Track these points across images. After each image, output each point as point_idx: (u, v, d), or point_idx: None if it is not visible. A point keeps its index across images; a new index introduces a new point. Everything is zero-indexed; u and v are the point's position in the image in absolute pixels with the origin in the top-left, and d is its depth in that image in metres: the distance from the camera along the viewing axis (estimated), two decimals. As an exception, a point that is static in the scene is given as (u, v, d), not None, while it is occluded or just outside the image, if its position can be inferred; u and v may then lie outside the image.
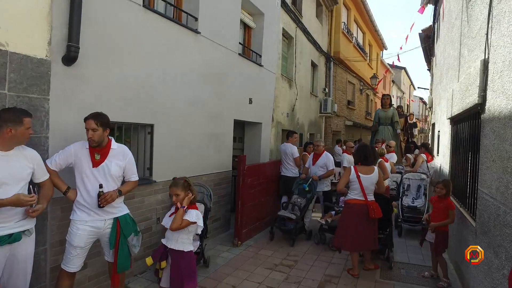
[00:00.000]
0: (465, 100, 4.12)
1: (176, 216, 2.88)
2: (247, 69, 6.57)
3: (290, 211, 5.77)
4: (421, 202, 6.39)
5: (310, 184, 5.93)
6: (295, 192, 6.08)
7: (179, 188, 2.99)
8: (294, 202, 5.88)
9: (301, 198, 5.94)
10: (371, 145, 4.70)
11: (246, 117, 6.65)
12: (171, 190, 3.01)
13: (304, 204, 5.82)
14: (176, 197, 2.97)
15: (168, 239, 3.01)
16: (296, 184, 6.18)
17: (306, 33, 10.57)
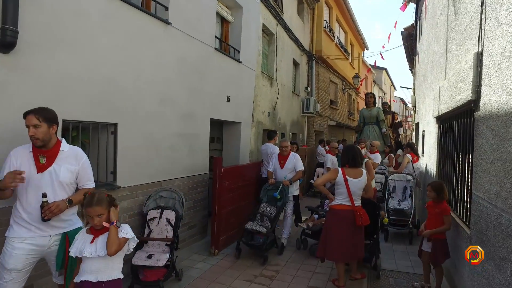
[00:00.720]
0: (455, 97, 3.85)
1: (111, 237, 2.23)
2: (224, 65, 6.18)
3: (259, 222, 5.09)
4: (408, 205, 6.15)
5: (281, 191, 5.27)
6: (263, 200, 5.39)
7: (103, 206, 2.28)
8: (263, 212, 5.21)
9: (270, 207, 5.28)
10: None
11: (224, 116, 6.25)
12: (89, 211, 2.24)
13: (274, 214, 5.16)
14: (99, 217, 2.26)
15: (96, 271, 2.27)
16: (264, 191, 5.48)
17: (287, 30, 10.26)
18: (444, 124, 4.98)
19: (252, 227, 4.88)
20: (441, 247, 3.80)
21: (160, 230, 3.88)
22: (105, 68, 3.66)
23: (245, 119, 7.09)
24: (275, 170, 5.65)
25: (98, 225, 2.26)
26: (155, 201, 4.18)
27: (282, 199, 5.26)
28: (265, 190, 5.50)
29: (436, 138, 5.47)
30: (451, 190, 4.62)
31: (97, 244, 2.26)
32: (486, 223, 2.78)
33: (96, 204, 2.24)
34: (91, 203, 2.23)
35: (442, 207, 3.81)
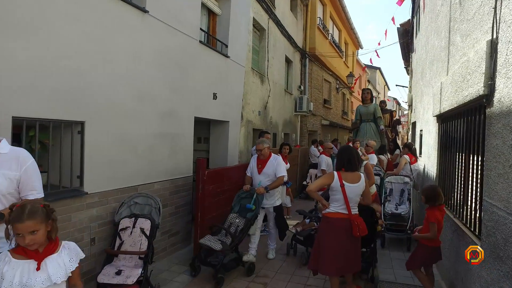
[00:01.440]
0: (461, 93, 3.48)
1: None
2: (210, 60, 5.76)
3: (221, 237, 4.30)
4: (405, 209, 5.78)
5: (255, 200, 4.49)
6: (234, 209, 4.61)
7: (37, 219, 1.72)
8: (230, 224, 4.45)
9: (240, 218, 4.46)
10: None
11: (210, 114, 5.83)
12: (19, 227, 1.69)
13: (242, 227, 4.36)
14: (33, 235, 1.70)
15: None
16: (237, 198, 4.69)
17: (279, 26, 9.86)
18: (446, 122, 4.61)
19: (206, 242, 4.05)
20: (420, 253, 3.65)
21: (133, 241, 3.44)
22: (71, 59, 3.22)
23: (233, 118, 6.67)
24: (252, 175, 4.93)
25: (31, 245, 1.72)
26: (129, 208, 3.74)
27: (255, 210, 4.47)
28: (239, 198, 4.70)
29: (437, 138, 5.11)
30: (454, 194, 4.25)
31: (49, 270, 1.76)
32: (504, 237, 2.40)
33: (28, 218, 1.69)
34: (20, 217, 1.68)
35: (429, 212, 3.56)
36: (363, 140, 10.42)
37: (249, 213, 4.46)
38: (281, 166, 4.79)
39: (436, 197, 3.56)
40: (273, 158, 4.82)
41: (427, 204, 3.62)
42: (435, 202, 3.53)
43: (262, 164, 4.80)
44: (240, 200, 4.67)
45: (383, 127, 10.62)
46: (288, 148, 6.91)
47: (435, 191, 3.61)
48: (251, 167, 4.92)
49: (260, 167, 4.79)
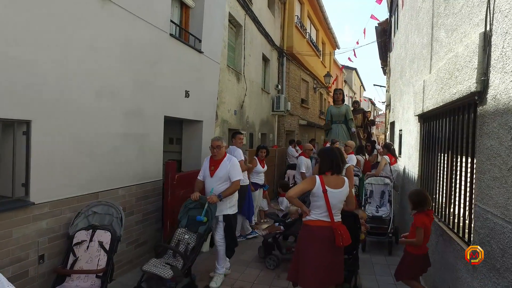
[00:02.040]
0: (448, 90, 3.28)
1: None
2: (182, 55, 5.36)
3: (169, 258, 3.60)
4: (386, 211, 5.60)
5: (206, 211, 3.79)
6: (181, 224, 3.85)
7: None
8: (178, 241, 3.72)
9: (189, 234, 3.73)
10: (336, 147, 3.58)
11: (182, 113, 5.43)
12: None
13: (194, 245, 3.66)
14: None
15: None
16: (184, 210, 3.94)
17: (256, 22, 9.56)
18: (430, 122, 4.44)
19: (151, 269, 3.27)
20: (407, 262, 3.43)
21: (89, 257, 3.02)
22: (13, 49, 2.77)
23: (207, 117, 6.30)
24: (204, 179, 4.20)
25: None
26: (86, 218, 3.31)
27: (208, 222, 3.77)
28: (186, 209, 3.94)
29: (418, 138, 4.94)
30: (438, 197, 4.07)
31: None
32: (501, 247, 2.17)
33: None
34: None
35: (416, 217, 3.35)
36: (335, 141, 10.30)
37: (201, 227, 3.73)
38: (236, 168, 4.07)
39: (423, 202, 3.35)
40: (227, 158, 4.13)
41: (414, 210, 3.39)
42: (423, 207, 3.31)
43: (215, 165, 4.08)
44: (187, 211, 3.92)
45: (354, 129, 10.52)
46: (265, 151, 6.61)
47: (421, 196, 3.40)
48: (204, 169, 4.21)
49: (213, 169, 4.06)
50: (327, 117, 11.13)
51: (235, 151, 5.59)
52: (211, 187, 4.02)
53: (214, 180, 4.04)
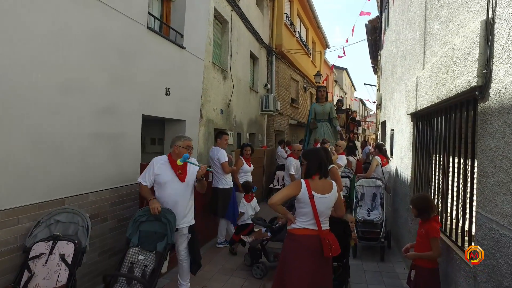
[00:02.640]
0: (444, 86, 3.03)
1: None
2: (162, 50, 5.04)
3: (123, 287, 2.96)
4: (378, 214, 5.35)
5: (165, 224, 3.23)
6: (132, 242, 3.20)
7: None
8: (131, 264, 3.08)
9: (145, 254, 3.11)
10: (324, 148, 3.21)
11: (162, 112, 5.11)
12: None
13: (153, 266, 3.07)
14: None
15: None
16: (133, 225, 3.27)
17: (244, 19, 9.26)
18: (423, 121, 4.20)
19: None
20: (426, 280, 2.93)
21: (48, 273, 2.69)
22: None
23: (191, 116, 5.98)
24: (165, 186, 3.46)
25: None
26: (47, 228, 2.97)
27: (166, 237, 3.19)
28: (136, 224, 3.27)
29: (411, 138, 4.71)
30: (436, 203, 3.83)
31: None
32: (510, 262, 1.91)
33: None
34: None
35: (427, 226, 2.95)
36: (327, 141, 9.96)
37: (160, 244, 3.16)
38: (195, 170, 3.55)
39: (430, 208, 3.00)
40: None
41: (420, 217, 3.08)
42: (430, 213, 2.98)
43: (182, 168, 3.48)
44: (138, 226, 3.27)
45: (339, 128, 10.22)
46: (250, 149, 6.32)
47: (428, 202, 3.02)
48: (160, 173, 3.45)
49: (181, 173, 3.44)
50: (310, 115, 10.70)
51: (218, 152, 5.30)
52: (179, 195, 3.49)
53: (184, 187, 3.52)
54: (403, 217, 5.10)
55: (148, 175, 3.49)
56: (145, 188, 3.49)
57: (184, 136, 3.72)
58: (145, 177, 3.49)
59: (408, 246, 3.29)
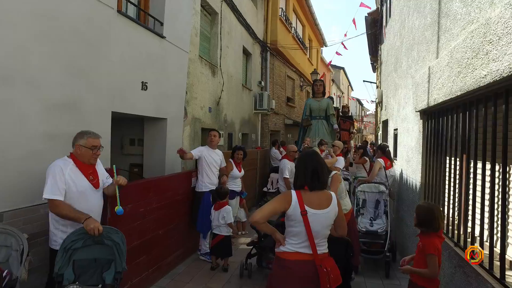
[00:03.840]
0: (471, 74, 2.44)
1: None
2: (137, 38, 4.43)
3: None
4: (382, 224, 4.75)
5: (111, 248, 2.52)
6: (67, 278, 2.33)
7: None
8: None
9: None
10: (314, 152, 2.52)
11: (138, 109, 4.50)
12: None
13: None
14: None
15: None
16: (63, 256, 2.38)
17: (235, 12, 8.66)
18: (437, 118, 3.61)
19: None
20: None
21: (-37, 315, 2.07)
22: None
23: (173, 114, 5.38)
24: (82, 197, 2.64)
25: None
26: (-28, 253, 2.35)
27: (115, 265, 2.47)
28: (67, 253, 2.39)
29: (421, 138, 4.12)
30: (447, 211, 3.25)
31: None
32: None
33: None
34: None
35: (426, 240, 2.49)
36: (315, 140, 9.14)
37: (107, 274, 2.42)
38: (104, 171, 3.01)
39: (434, 221, 2.50)
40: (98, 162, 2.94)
41: (420, 228, 2.56)
42: (431, 228, 2.47)
43: (93, 174, 2.79)
44: (71, 255, 2.41)
45: (337, 126, 9.04)
46: (243, 153, 5.73)
47: (432, 214, 2.52)
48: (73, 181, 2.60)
49: (93, 179, 2.73)
50: (305, 112, 9.78)
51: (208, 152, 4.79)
52: (98, 205, 2.83)
53: (99, 195, 2.85)
54: (411, 227, 4.51)
55: (60, 186, 2.52)
56: (64, 206, 2.50)
57: (88, 132, 2.81)
58: (57, 189, 2.50)
59: (407, 258, 2.79)
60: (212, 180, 4.89)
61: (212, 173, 4.90)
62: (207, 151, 4.90)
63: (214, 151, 5.00)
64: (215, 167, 4.95)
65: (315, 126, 9.29)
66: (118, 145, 5.87)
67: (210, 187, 4.84)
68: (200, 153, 4.83)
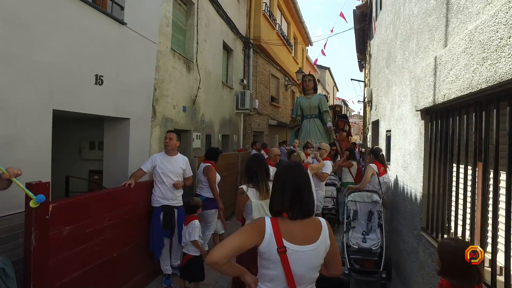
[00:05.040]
0: (506, 60, 1.85)
1: None
2: (87, 22, 3.70)
3: None
4: (376, 240, 4.17)
5: None
6: None
7: None
8: None
9: None
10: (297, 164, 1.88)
11: (91, 107, 3.78)
12: None
13: None
14: None
15: None
16: None
17: (214, 3, 7.99)
18: (446, 118, 3.03)
19: None
20: None
21: None
22: None
23: (137, 114, 4.67)
24: None
25: None
26: None
27: None
28: None
29: (422, 141, 3.55)
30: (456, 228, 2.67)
31: None
32: None
33: None
34: None
35: None
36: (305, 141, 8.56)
37: None
38: None
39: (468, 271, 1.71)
40: None
41: (444, 276, 1.85)
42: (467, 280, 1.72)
43: None
44: None
45: (330, 124, 8.38)
46: (211, 160, 5.02)
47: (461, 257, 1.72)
48: None
49: None
50: (295, 111, 9.13)
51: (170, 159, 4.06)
52: None
53: None
54: (408, 243, 3.94)
55: None
56: None
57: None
58: None
59: None
60: (164, 194, 4.00)
61: (166, 186, 3.98)
62: (161, 158, 4.05)
63: (172, 158, 4.09)
64: (170, 178, 4.00)
65: (306, 126, 8.60)
66: (76, 149, 5.13)
67: (161, 202, 4.00)
68: (152, 163, 4.00)
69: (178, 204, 4.14)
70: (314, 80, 9.01)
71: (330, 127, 8.49)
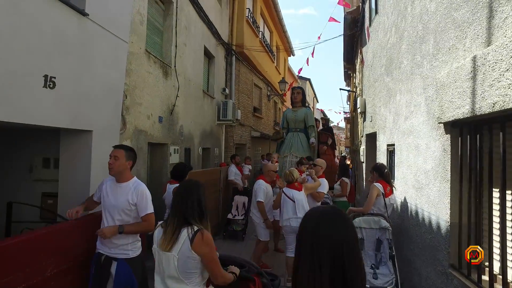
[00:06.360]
0: None
1: None
2: (36, 10, 2.93)
3: None
4: (389, 275, 3.51)
5: None
6: None
7: None
8: None
9: None
10: None
11: (37, 116, 2.97)
12: None
13: None
14: None
15: None
16: None
17: (195, 4, 7.32)
18: (488, 133, 2.43)
19: None
20: None
21: None
22: None
23: (103, 125, 3.88)
24: None
25: None
26: None
27: None
28: None
29: (448, 160, 2.95)
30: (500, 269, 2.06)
31: None
32: None
33: None
34: None
35: None
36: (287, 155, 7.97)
37: None
38: None
39: None
40: None
41: None
42: None
43: None
44: None
45: (313, 140, 8.00)
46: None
47: None
48: None
49: None
50: (282, 123, 8.77)
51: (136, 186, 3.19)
52: None
53: None
54: (431, 281, 3.31)
55: None
56: None
57: None
58: None
59: None
60: (100, 238, 2.76)
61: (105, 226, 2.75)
62: (108, 185, 2.88)
63: (119, 186, 2.82)
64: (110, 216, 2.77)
65: (288, 139, 8.15)
66: (25, 168, 4.26)
67: (98, 249, 2.79)
68: (100, 190, 2.94)
69: (122, 256, 2.75)
70: (303, 93, 8.57)
71: (313, 143, 8.06)
